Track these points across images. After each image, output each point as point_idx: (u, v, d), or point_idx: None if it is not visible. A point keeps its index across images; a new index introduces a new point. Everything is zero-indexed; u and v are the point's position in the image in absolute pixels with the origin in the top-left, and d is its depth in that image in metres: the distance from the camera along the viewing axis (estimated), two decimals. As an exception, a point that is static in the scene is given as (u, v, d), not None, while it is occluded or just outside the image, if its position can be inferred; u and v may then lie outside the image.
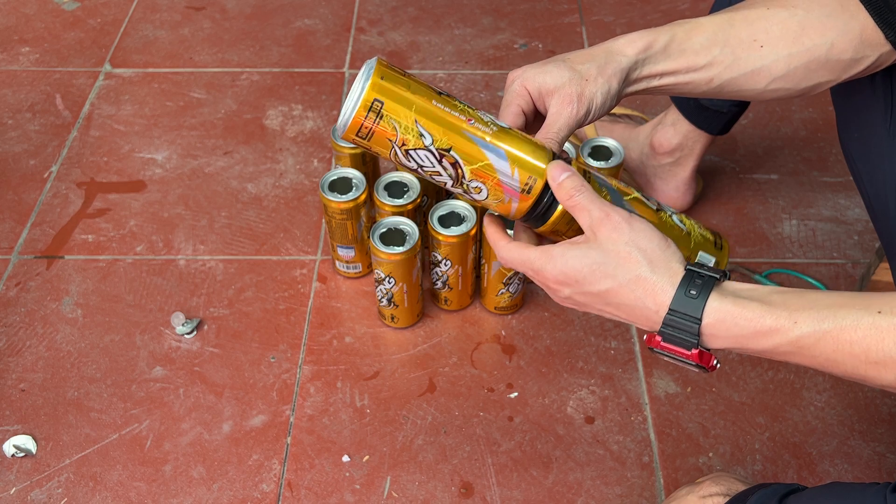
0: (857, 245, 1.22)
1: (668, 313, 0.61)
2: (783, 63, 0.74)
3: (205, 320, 1.14)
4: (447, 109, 0.67)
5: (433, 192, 1.13)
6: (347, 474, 0.98)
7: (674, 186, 1.22)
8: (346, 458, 1.00)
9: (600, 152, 1.12)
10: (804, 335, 0.57)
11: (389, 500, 0.96)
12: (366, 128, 0.66)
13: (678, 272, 0.62)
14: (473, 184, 0.68)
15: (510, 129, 0.70)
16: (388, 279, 1.04)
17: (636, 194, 0.73)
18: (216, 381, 1.07)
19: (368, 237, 1.03)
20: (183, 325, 1.12)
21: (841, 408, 1.05)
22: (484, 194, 0.69)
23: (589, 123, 0.74)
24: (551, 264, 0.65)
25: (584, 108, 0.72)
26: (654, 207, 0.73)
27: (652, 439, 1.02)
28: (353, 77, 1.51)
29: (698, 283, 0.60)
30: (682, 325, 0.60)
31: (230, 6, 1.67)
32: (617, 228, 0.63)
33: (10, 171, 1.34)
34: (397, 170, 1.10)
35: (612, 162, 1.10)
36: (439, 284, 1.11)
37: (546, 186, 0.68)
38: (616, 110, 1.34)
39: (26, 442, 1.01)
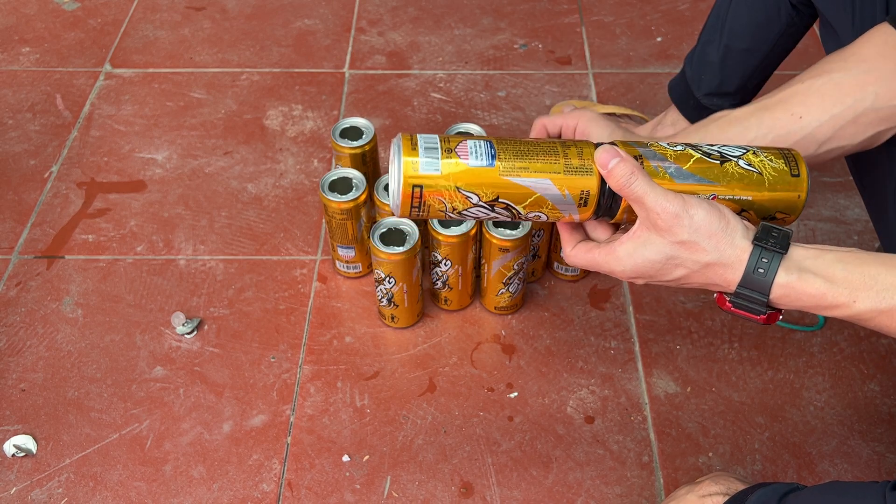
0: (857, 245, 1.22)
1: (737, 288, 0.64)
2: (827, 126, 0.74)
3: (205, 320, 1.14)
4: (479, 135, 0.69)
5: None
6: (347, 474, 0.98)
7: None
8: (346, 458, 1.00)
9: None
10: (863, 311, 0.62)
11: (389, 499, 0.96)
12: (415, 207, 0.67)
13: (745, 249, 0.63)
14: (531, 214, 0.69)
15: (547, 143, 0.68)
16: (388, 279, 1.04)
17: (697, 155, 0.69)
18: (216, 381, 1.07)
19: (368, 237, 1.03)
20: (183, 324, 1.12)
21: (841, 408, 1.05)
22: (545, 218, 0.70)
23: None
24: (620, 265, 0.67)
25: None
26: (719, 161, 0.69)
27: (652, 439, 1.02)
28: (353, 77, 1.51)
29: (765, 261, 0.62)
30: (751, 297, 0.64)
31: (230, 6, 1.67)
32: (676, 221, 0.63)
33: (10, 171, 1.34)
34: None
35: None
36: (439, 284, 1.11)
37: (603, 187, 0.67)
38: (616, 110, 1.35)
39: (26, 442, 1.01)
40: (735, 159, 0.70)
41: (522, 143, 0.68)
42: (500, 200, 0.67)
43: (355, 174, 1.09)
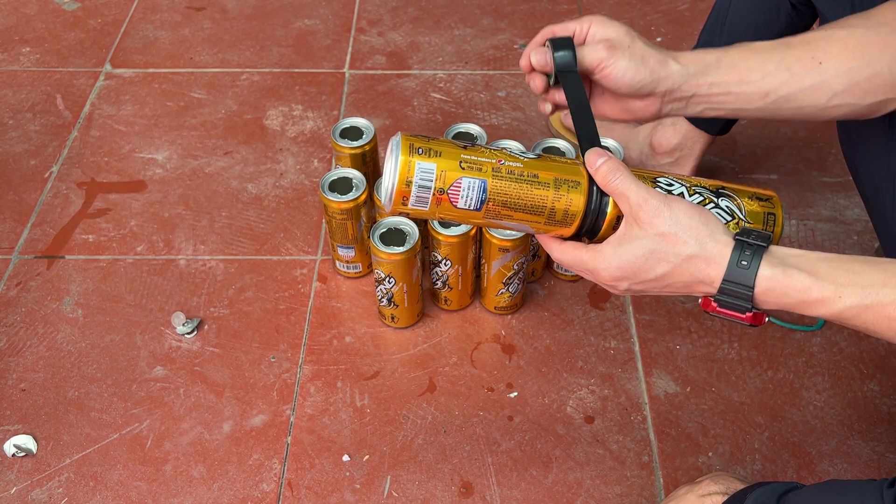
0: (857, 245, 1.22)
1: (722, 283, 0.63)
2: (844, 77, 0.73)
3: (205, 320, 1.14)
4: (475, 157, 0.68)
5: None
6: (347, 474, 0.99)
7: (673, 186, 1.22)
8: (346, 458, 1.00)
9: None
10: (847, 308, 0.61)
11: (389, 499, 0.97)
12: (403, 213, 0.69)
13: (727, 243, 0.63)
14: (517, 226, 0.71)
15: (540, 190, 0.68)
16: (388, 279, 1.04)
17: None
18: (216, 381, 1.07)
19: (368, 237, 1.03)
20: (183, 324, 1.12)
21: (840, 407, 1.05)
22: (531, 230, 0.71)
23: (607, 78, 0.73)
24: (605, 263, 0.66)
25: (614, 55, 0.72)
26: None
27: (651, 439, 1.02)
28: (353, 77, 1.51)
29: (748, 253, 0.62)
30: (736, 292, 0.63)
31: (230, 6, 1.67)
32: (657, 213, 0.63)
33: (10, 171, 1.35)
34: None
35: None
36: (439, 284, 1.11)
37: (588, 206, 0.68)
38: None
39: (27, 441, 1.01)
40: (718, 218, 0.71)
41: (516, 187, 0.68)
42: (481, 228, 0.69)
43: (355, 174, 1.09)
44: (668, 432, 1.02)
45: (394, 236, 1.03)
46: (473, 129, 1.13)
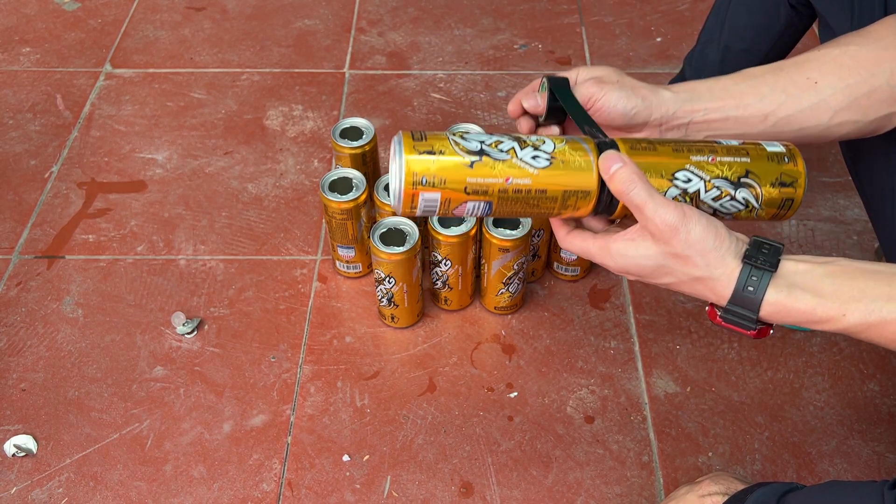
0: (857, 245, 1.22)
1: (727, 304, 0.64)
2: (842, 94, 0.72)
3: (205, 320, 1.14)
4: (481, 180, 0.65)
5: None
6: (348, 474, 0.99)
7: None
8: (346, 458, 1.00)
9: None
10: (852, 325, 0.62)
11: (389, 499, 0.97)
12: (413, 215, 0.68)
13: (735, 268, 0.63)
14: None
15: (552, 167, 0.66)
16: (388, 279, 1.04)
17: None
18: (217, 381, 1.07)
19: (368, 237, 1.03)
20: (183, 324, 1.12)
21: (840, 407, 1.05)
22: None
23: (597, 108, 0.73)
24: (612, 261, 0.67)
25: (603, 89, 0.72)
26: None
27: (651, 439, 1.02)
28: (353, 77, 1.51)
29: (754, 279, 0.63)
30: (741, 314, 0.64)
31: (230, 6, 1.67)
32: (672, 234, 0.63)
33: (10, 171, 1.35)
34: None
35: None
36: (439, 284, 1.11)
37: (601, 193, 0.66)
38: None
39: (27, 441, 1.01)
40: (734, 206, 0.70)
41: (523, 204, 0.66)
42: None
43: (355, 174, 1.09)
44: (668, 432, 1.02)
45: (394, 236, 1.03)
46: (473, 128, 1.13)
